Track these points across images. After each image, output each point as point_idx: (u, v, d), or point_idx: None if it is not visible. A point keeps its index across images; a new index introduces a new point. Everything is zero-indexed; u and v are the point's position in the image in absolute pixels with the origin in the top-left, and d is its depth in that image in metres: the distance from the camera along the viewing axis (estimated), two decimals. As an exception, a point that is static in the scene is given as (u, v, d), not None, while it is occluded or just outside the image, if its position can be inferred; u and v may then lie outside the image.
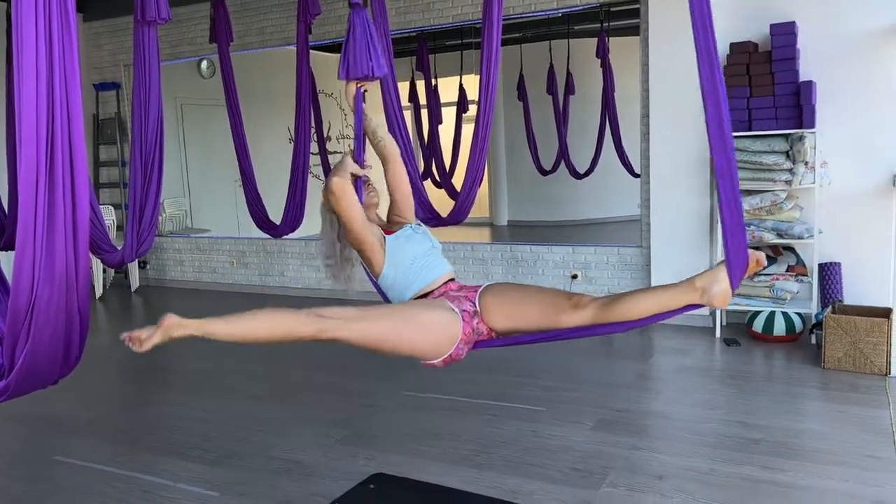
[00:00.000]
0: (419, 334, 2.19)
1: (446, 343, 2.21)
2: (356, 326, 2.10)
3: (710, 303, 2.01)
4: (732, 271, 1.94)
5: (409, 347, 2.20)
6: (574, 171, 6.74)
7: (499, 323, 2.26)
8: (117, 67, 7.32)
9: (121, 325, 6.18)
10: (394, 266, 2.39)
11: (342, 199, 2.31)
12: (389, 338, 2.15)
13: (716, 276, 1.99)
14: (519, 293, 2.32)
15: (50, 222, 1.57)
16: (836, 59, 4.44)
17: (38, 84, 1.52)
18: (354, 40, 2.40)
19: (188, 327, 1.97)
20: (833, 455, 2.90)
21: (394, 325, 2.16)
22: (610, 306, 2.13)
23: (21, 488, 2.99)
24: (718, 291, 1.98)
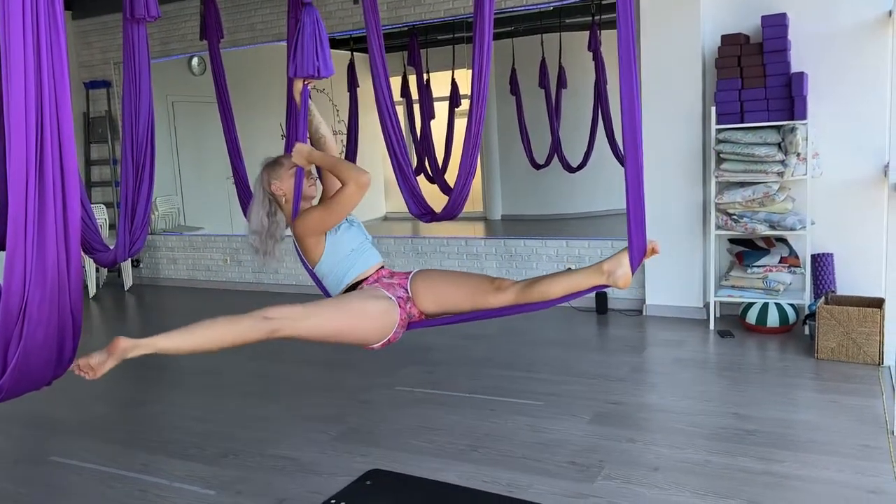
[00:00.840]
0: (364, 324, 2.39)
1: (387, 328, 2.43)
2: (306, 324, 2.26)
3: (615, 284, 2.31)
4: (633, 256, 2.26)
5: (355, 337, 2.40)
6: (567, 165, 6.74)
7: (429, 306, 2.49)
8: (107, 65, 7.28)
9: (115, 325, 6.17)
10: (332, 256, 2.56)
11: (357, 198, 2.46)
12: (338, 331, 2.34)
13: (619, 261, 2.30)
14: (446, 279, 2.54)
15: (41, 223, 1.56)
16: (827, 51, 4.45)
17: (27, 84, 1.51)
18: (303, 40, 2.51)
19: (140, 347, 2.10)
20: (827, 445, 2.91)
21: (341, 318, 2.34)
22: (529, 288, 2.40)
23: (17, 490, 2.99)
24: (622, 274, 2.29)
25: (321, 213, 2.53)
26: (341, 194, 2.49)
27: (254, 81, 7.12)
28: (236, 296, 6.73)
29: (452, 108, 7.14)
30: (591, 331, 4.90)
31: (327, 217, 2.51)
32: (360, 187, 2.45)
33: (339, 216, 2.53)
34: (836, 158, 4.48)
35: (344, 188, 2.49)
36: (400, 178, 3.85)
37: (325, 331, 2.32)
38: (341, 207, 2.50)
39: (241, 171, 4.61)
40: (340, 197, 2.49)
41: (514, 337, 4.73)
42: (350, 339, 2.40)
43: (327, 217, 2.51)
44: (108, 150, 7.43)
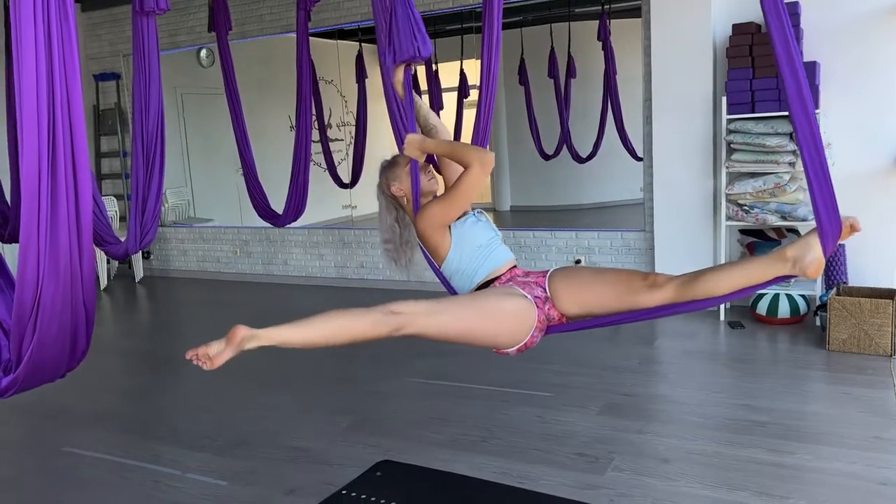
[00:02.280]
0: (498, 324, 2.14)
1: (523, 330, 2.16)
2: (435, 321, 2.05)
3: (804, 272, 1.93)
4: (825, 238, 1.88)
5: (489, 338, 2.16)
6: (576, 156, 6.71)
7: (570, 308, 2.21)
8: (116, 58, 7.29)
9: (126, 316, 6.21)
10: (459, 252, 2.33)
11: (483, 180, 2.26)
12: (469, 330, 2.11)
13: (809, 245, 1.92)
14: (591, 276, 2.26)
15: (53, 216, 1.57)
16: (839, 40, 4.40)
17: (38, 77, 1.51)
18: (398, 22, 2.34)
19: (260, 338, 1.95)
20: (839, 437, 2.90)
21: (473, 316, 2.12)
22: (691, 284, 2.05)
23: (32, 480, 3.02)
24: (812, 260, 1.91)
25: (442, 204, 2.29)
26: (464, 178, 2.24)
27: (262, 73, 7.12)
28: (247, 287, 6.76)
29: (461, 98, 7.12)
30: (600, 322, 4.88)
31: (449, 206, 2.27)
32: (484, 168, 2.23)
33: (463, 204, 2.29)
34: (849, 149, 4.44)
35: (467, 172, 2.24)
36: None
37: (455, 330, 2.09)
38: (465, 193, 2.25)
39: (251, 163, 4.62)
40: (463, 181, 2.24)
41: (524, 328, 4.72)
42: (482, 340, 2.16)
43: (449, 206, 2.27)
44: (117, 142, 7.45)
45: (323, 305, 6.12)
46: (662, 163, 4.90)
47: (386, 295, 6.02)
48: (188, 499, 2.73)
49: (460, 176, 2.27)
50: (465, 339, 2.13)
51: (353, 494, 2.67)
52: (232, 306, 6.16)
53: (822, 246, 1.89)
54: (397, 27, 2.35)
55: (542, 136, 6.90)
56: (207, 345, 1.86)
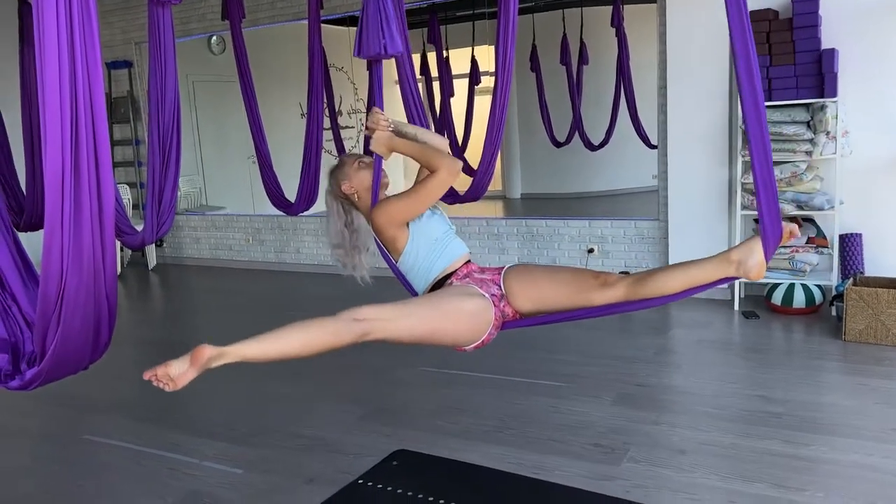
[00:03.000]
0: (459, 325, 2.18)
1: (482, 329, 2.21)
2: (398, 325, 2.09)
3: (747, 275, 2.02)
4: (767, 243, 1.95)
5: (450, 338, 2.20)
6: (588, 143, 6.68)
7: (525, 305, 2.26)
8: (129, 45, 7.28)
9: (140, 304, 6.24)
10: (416, 247, 2.36)
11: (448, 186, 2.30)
12: (431, 332, 2.14)
13: (751, 248, 2.00)
14: (544, 275, 2.29)
15: (77, 210, 1.57)
16: (859, 27, 4.34)
17: (61, 71, 1.50)
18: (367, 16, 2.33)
19: (226, 356, 1.93)
20: (855, 429, 2.89)
21: (435, 318, 2.15)
22: (641, 283, 2.12)
23: (52, 467, 3.05)
24: (754, 263, 1.99)
25: (406, 201, 2.31)
26: (431, 182, 2.27)
27: (274, 61, 7.10)
28: (259, 275, 6.78)
29: (472, 85, 7.08)
30: (613, 311, 4.87)
31: (411, 205, 2.30)
32: (451, 175, 2.27)
33: (426, 205, 2.33)
34: (866, 137, 4.39)
35: (434, 176, 2.27)
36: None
37: (419, 332, 2.13)
38: (429, 195, 2.29)
39: (264, 151, 4.62)
40: (429, 184, 2.28)
41: (537, 317, 4.72)
42: (443, 340, 2.20)
43: (411, 205, 2.30)
44: (130, 130, 7.46)
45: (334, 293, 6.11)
46: (677, 151, 4.87)
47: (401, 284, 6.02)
48: (205, 487, 2.76)
49: (427, 178, 2.30)
50: (427, 340, 2.17)
51: (369, 484, 2.68)
52: (244, 294, 6.19)
53: (763, 250, 1.97)
54: (366, 21, 2.32)
55: (554, 124, 6.87)
56: (167, 364, 1.84)
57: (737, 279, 2.09)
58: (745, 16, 1.82)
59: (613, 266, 5.37)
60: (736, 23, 1.82)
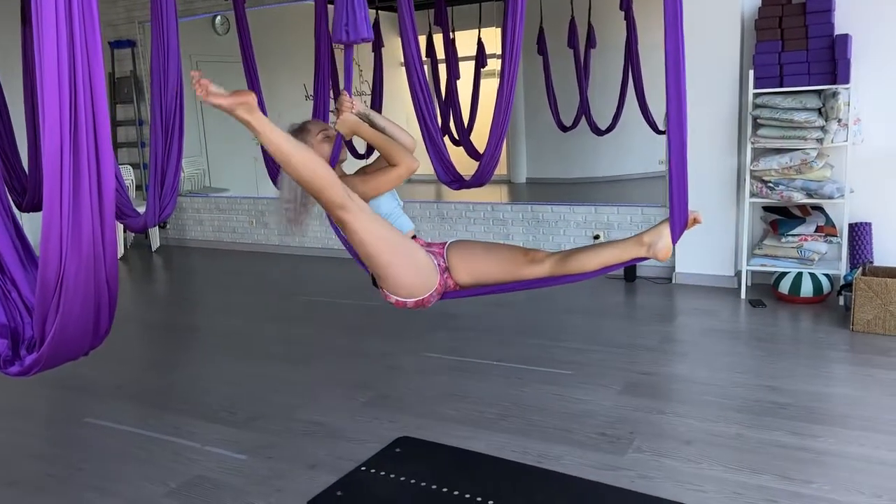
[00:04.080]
0: (409, 266, 2.33)
1: (424, 286, 2.37)
2: (366, 219, 2.21)
3: (655, 256, 2.28)
4: (674, 228, 2.22)
5: (395, 272, 2.31)
6: (595, 127, 6.61)
7: (464, 278, 2.45)
8: (132, 25, 7.22)
9: (143, 286, 6.23)
10: None
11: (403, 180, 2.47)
12: (386, 251, 2.26)
13: (660, 232, 2.28)
14: (481, 251, 2.49)
15: (76, 193, 1.54)
16: (873, 12, 4.26)
17: (59, 49, 1.46)
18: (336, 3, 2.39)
19: (253, 118, 2.01)
20: (863, 420, 2.87)
21: (394, 242, 2.30)
22: (564, 261, 2.36)
23: (53, 450, 3.05)
24: (662, 246, 2.27)
25: (362, 186, 2.45)
26: (388, 174, 2.45)
27: (278, 42, 7.03)
28: (263, 258, 6.76)
29: (478, 68, 7.01)
30: (619, 299, 4.85)
31: (366, 192, 2.43)
32: (408, 172, 2.44)
33: (381, 192, 2.49)
34: (879, 125, 4.33)
35: (392, 169, 2.45)
36: (428, 141, 3.78)
37: (376, 242, 2.23)
38: (385, 184, 2.47)
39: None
40: (386, 176, 2.46)
41: (542, 305, 4.70)
42: (389, 271, 2.30)
43: (366, 192, 2.43)
44: (133, 110, 7.41)
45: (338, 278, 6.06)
46: (686, 137, 4.80)
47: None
48: (208, 472, 2.75)
49: (384, 170, 2.48)
50: (376, 259, 2.27)
51: (372, 471, 2.68)
52: (247, 277, 6.17)
53: (671, 233, 2.23)
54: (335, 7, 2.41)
55: (560, 107, 6.79)
56: (214, 84, 1.97)
57: (647, 259, 2.32)
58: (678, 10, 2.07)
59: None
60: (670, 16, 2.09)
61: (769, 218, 4.62)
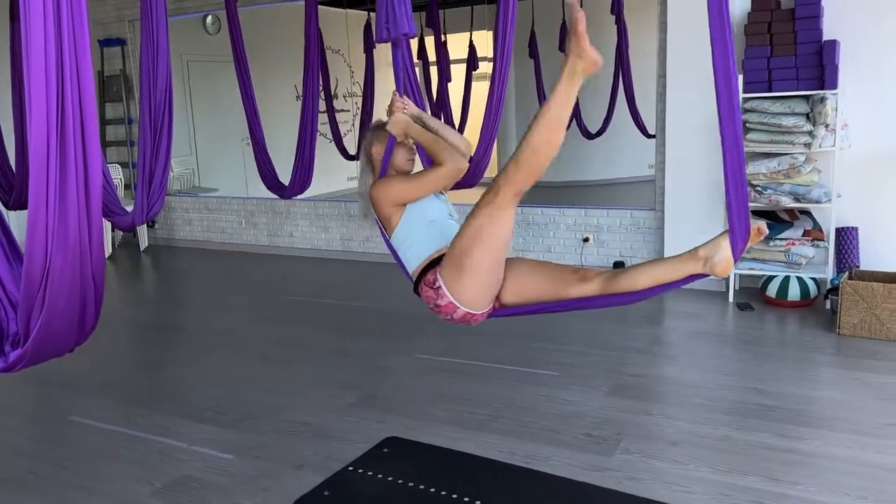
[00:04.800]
0: (491, 274, 2.21)
1: (485, 301, 2.25)
2: (500, 216, 2.12)
3: (713, 272, 2.04)
4: (735, 241, 1.96)
5: (479, 277, 2.19)
6: (585, 131, 6.63)
7: (508, 298, 2.31)
8: (122, 23, 7.18)
9: (132, 285, 6.20)
10: (409, 225, 2.37)
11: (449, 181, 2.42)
12: (483, 240, 2.14)
13: (718, 246, 2.02)
14: (529, 269, 2.34)
15: (62, 188, 1.53)
16: (861, 18, 4.30)
17: (47, 45, 1.45)
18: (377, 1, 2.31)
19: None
20: (849, 423, 2.88)
21: (498, 246, 2.18)
22: (615, 279, 2.18)
23: (38, 448, 3.02)
24: (721, 260, 2.01)
25: (406, 184, 2.38)
26: (433, 173, 2.36)
27: (270, 42, 7.01)
28: (252, 258, 6.73)
29: (470, 70, 7.02)
30: (608, 301, 4.85)
31: (411, 189, 2.36)
32: (454, 172, 2.34)
33: (425, 192, 2.38)
34: (866, 130, 4.36)
35: (438, 168, 2.35)
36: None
37: (490, 238, 2.14)
38: (430, 184, 2.37)
39: (259, 133, 4.56)
40: (432, 174, 2.37)
41: (531, 306, 4.69)
42: (479, 271, 2.18)
43: (411, 189, 2.36)
44: (122, 109, 7.37)
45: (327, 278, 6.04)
46: (675, 141, 4.83)
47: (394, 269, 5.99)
48: (195, 472, 2.73)
49: (431, 168, 2.39)
50: (482, 255, 2.15)
51: (360, 471, 2.67)
52: (236, 277, 6.14)
53: (731, 247, 1.97)
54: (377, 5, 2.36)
55: (551, 111, 6.81)
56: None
57: (705, 276, 2.09)
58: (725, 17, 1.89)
59: (609, 255, 5.35)
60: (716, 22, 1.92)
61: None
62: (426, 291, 2.28)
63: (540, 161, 2.05)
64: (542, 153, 2.06)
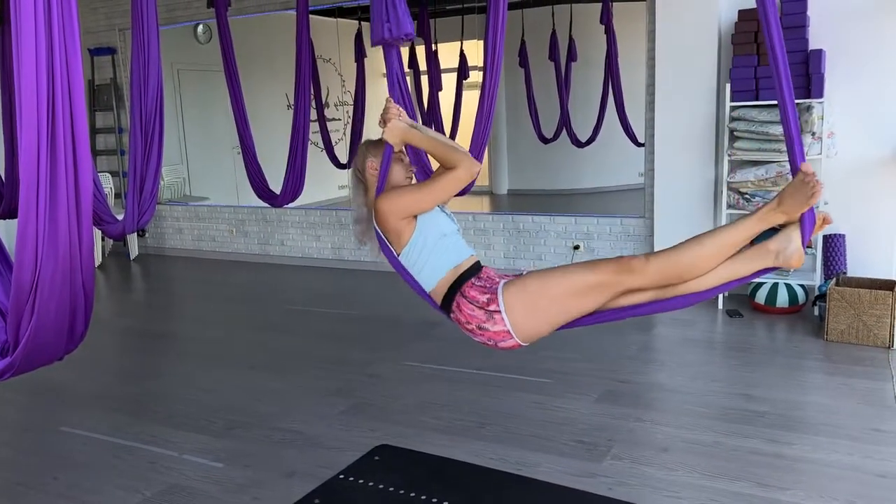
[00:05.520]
0: (566, 315, 2.15)
1: (539, 336, 2.19)
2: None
3: (787, 263, 2.01)
4: (804, 229, 1.97)
5: (558, 310, 2.13)
6: (575, 140, 6.67)
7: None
8: (112, 32, 7.18)
9: (121, 294, 6.17)
10: (423, 240, 2.18)
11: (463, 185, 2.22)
12: (582, 293, 2.09)
13: (789, 237, 1.99)
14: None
15: (52, 196, 1.53)
16: (846, 28, 4.35)
17: (38, 53, 1.46)
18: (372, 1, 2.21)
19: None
20: (837, 428, 2.90)
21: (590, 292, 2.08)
22: (674, 284, 2.05)
23: (28, 459, 3.00)
24: (794, 250, 1.99)
25: (418, 193, 2.18)
26: (448, 178, 2.17)
27: (261, 51, 7.03)
28: (243, 267, 6.72)
29: (461, 79, 7.05)
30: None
31: (424, 197, 2.17)
32: (470, 174, 2.17)
33: (439, 200, 2.20)
34: (851, 138, 4.41)
35: (452, 172, 2.16)
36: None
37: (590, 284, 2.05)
38: (444, 190, 2.17)
39: (249, 142, 4.56)
40: (446, 179, 2.17)
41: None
42: (567, 307, 2.10)
43: (424, 197, 2.17)
44: (113, 118, 7.36)
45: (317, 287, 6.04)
46: (664, 149, 4.87)
47: (384, 277, 6.00)
48: (185, 480, 2.72)
49: (443, 173, 2.20)
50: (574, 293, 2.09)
51: (350, 479, 2.67)
52: (227, 286, 6.13)
53: (801, 235, 1.97)
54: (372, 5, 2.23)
55: (542, 120, 6.85)
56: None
57: (777, 269, 2.05)
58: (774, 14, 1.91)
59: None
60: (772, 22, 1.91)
61: (746, 229, 4.68)
62: (470, 309, 2.11)
63: (679, 273, 2.01)
64: (687, 272, 2.02)
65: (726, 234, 2.04)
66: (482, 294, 2.11)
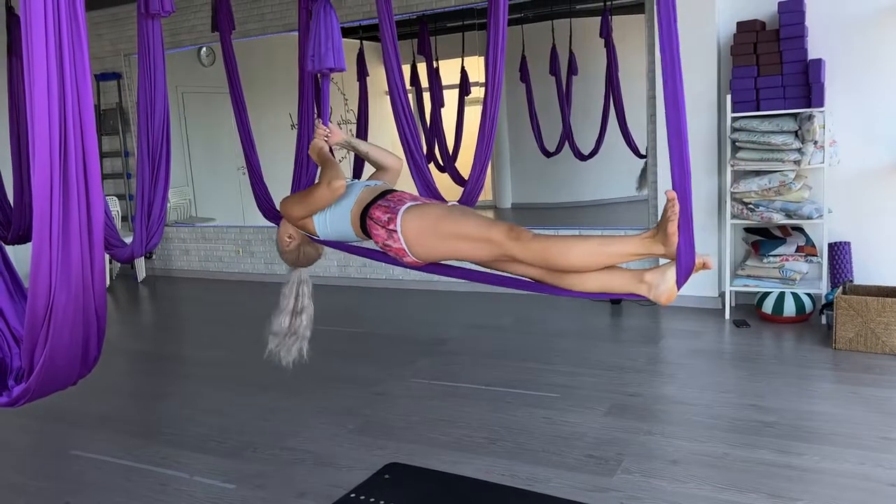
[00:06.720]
0: (450, 249, 2.34)
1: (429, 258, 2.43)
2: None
3: (657, 299, 2.07)
4: (680, 272, 1.99)
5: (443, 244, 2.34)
6: (578, 153, 6.70)
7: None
8: (118, 57, 7.27)
9: (130, 317, 6.20)
10: (323, 215, 2.59)
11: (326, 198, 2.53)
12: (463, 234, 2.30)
13: (664, 275, 2.05)
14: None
15: (65, 224, 1.55)
16: (845, 37, 4.39)
17: (50, 83, 1.49)
18: (318, 33, 2.63)
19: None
20: (847, 437, 2.90)
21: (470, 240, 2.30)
22: (560, 272, 2.18)
23: (39, 484, 3.01)
24: (665, 290, 2.05)
25: (297, 203, 2.59)
26: (313, 190, 2.54)
27: (264, 72, 7.10)
28: (250, 287, 6.75)
29: (462, 96, 7.10)
30: (604, 321, 4.88)
31: (299, 206, 2.57)
32: (331, 191, 2.47)
33: (312, 209, 2.55)
34: (854, 146, 4.43)
35: (316, 186, 2.54)
36: (413, 168, 3.83)
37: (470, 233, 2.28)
38: (312, 202, 2.54)
39: (255, 162, 4.59)
40: (312, 193, 2.54)
41: (527, 328, 4.72)
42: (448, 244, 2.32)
43: (299, 206, 2.57)
44: (119, 142, 7.43)
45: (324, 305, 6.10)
46: (667, 161, 4.87)
47: (390, 294, 6.02)
48: (196, 502, 2.73)
49: (315, 185, 2.56)
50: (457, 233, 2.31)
51: (361, 497, 2.67)
52: (235, 306, 6.16)
53: (676, 277, 2.00)
54: (309, 37, 2.70)
55: (544, 133, 6.89)
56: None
57: (645, 298, 2.11)
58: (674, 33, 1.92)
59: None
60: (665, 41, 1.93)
61: (750, 239, 4.69)
62: (376, 230, 2.41)
63: (551, 258, 2.14)
64: (557, 258, 2.13)
65: (605, 243, 2.12)
66: (385, 214, 2.39)
